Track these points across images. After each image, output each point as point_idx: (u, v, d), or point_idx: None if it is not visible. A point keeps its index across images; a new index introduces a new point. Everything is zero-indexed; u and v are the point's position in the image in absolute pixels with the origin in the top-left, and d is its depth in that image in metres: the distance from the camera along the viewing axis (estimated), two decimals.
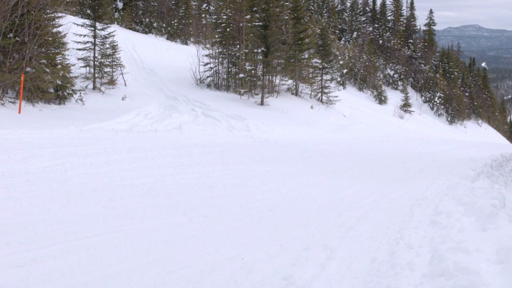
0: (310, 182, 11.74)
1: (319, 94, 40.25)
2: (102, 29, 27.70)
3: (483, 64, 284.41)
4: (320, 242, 6.64)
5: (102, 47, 27.73)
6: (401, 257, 5.67)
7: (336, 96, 40.32)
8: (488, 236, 5.31)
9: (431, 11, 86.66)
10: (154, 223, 7.12)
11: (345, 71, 58.06)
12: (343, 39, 72.50)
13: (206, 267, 5.51)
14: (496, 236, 5.13)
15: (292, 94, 37.99)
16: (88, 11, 27.90)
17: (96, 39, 27.48)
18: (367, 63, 62.26)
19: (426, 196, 10.31)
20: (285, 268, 5.57)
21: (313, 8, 71.96)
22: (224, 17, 34.66)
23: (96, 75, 27.14)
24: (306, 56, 39.34)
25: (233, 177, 11.19)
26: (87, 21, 27.65)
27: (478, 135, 72.26)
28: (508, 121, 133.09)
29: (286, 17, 36.88)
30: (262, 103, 30.97)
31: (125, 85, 28.63)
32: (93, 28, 27.33)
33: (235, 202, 8.98)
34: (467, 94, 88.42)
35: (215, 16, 38.11)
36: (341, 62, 58.56)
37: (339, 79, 56.57)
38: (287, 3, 38.45)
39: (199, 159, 13.26)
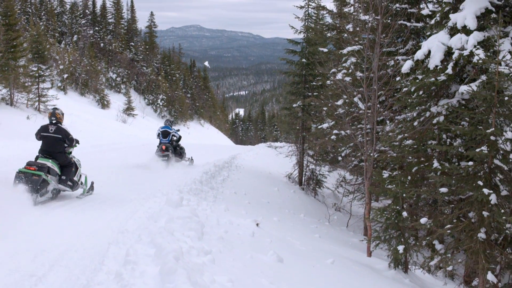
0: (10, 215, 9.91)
1: (37, 103, 38.60)
2: None
3: (206, 63, 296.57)
4: None
5: None
6: None
7: (54, 105, 38.99)
8: None
9: (152, 14, 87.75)
10: None
11: (66, 76, 56.35)
12: (63, 42, 70.33)
13: None
14: None
15: (7, 104, 35.95)
16: None
17: None
18: (88, 67, 61.09)
19: (128, 228, 9.45)
20: None
21: (30, 11, 68.77)
22: None
23: None
24: (23, 63, 37.42)
25: None
26: None
27: (201, 135, 74.90)
28: (230, 119, 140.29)
29: None
30: None
31: None
32: None
33: None
34: (189, 95, 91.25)
35: None
36: (61, 67, 56.73)
37: (60, 84, 54.81)
38: None
39: None
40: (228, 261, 7.99)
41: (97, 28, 76.87)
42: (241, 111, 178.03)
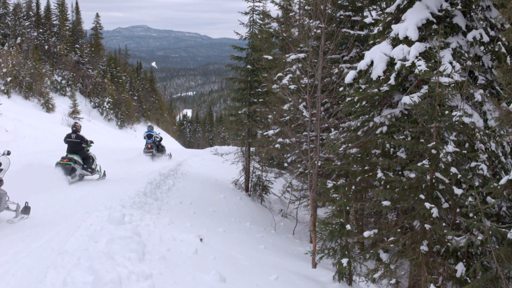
0: None
1: None
2: None
3: (153, 64, 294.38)
4: None
5: None
6: None
7: None
8: None
9: (97, 15, 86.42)
10: None
11: (9, 79, 55.09)
12: (6, 44, 68.63)
13: None
14: None
15: None
16: None
17: None
18: (32, 70, 59.80)
19: (67, 249, 8.95)
20: None
21: None
22: None
23: None
24: None
25: None
26: None
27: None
28: (177, 120, 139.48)
29: None
30: None
31: None
32: None
33: None
34: (135, 97, 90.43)
35: None
36: (4, 70, 55.44)
37: (3, 88, 53.60)
38: None
39: None
40: (169, 284, 7.75)
41: (41, 30, 75.28)
42: (189, 112, 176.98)
